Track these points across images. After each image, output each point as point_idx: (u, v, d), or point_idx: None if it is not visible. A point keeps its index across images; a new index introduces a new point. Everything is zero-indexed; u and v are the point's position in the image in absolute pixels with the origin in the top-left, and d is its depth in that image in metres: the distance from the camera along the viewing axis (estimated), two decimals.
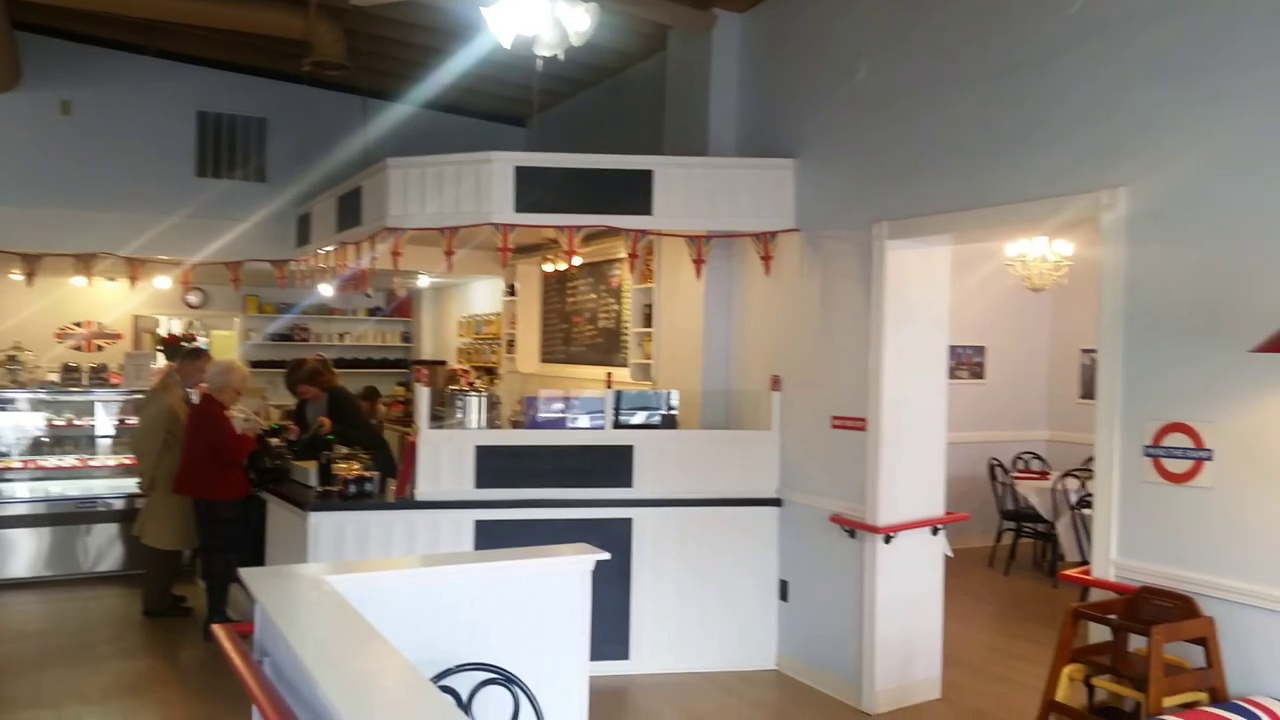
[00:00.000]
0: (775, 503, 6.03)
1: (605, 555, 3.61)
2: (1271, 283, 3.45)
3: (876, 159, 5.45)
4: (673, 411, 6.22)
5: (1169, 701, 3.39)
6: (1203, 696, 3.49)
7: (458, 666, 2.97)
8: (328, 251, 7.83)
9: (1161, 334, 3.90)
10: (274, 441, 6.92)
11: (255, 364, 11.07)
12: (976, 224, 4.84)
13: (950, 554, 5.71)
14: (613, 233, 6.25)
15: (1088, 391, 9.64)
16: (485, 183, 5.83)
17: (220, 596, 6.40)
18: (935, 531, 5.56)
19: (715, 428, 6.43)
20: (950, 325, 5.69)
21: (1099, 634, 3.92)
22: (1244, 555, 3.56)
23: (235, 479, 6.42)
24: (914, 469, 5.45)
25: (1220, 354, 3.64)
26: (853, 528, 5.41)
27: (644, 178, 5.90)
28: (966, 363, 9.79)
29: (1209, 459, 3.69)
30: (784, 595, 6.00)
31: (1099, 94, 4.19)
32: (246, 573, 3.26)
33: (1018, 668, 5.94)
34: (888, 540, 5.30)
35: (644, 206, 5.89)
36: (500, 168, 5.82)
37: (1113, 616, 3.72)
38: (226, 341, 12.84)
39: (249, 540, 6.44)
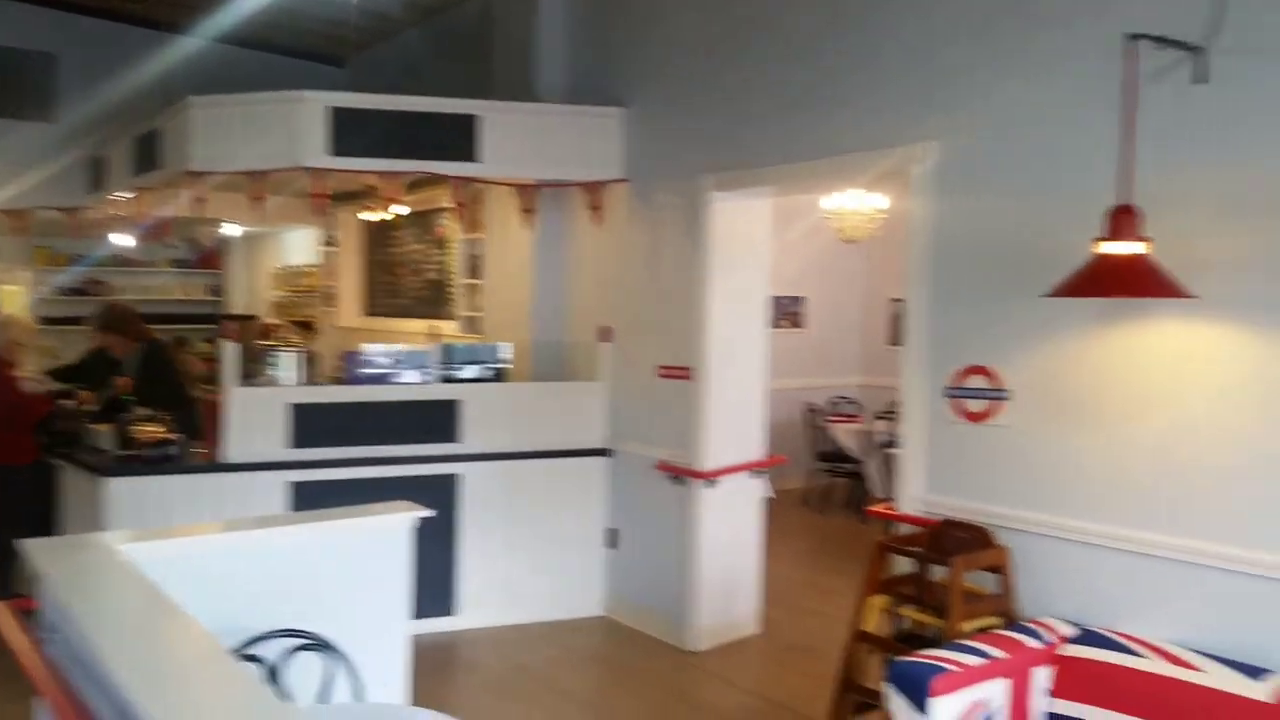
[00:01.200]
0: (604, 453, 6.06)
1: (428, 512, 3.52)
2: (1062, 232, 3.67)
3: (703, 111, 5.48)
4: (504, 364, 6.13)
5: (967, 626, 3.62)
6: (997, 620, 3.75)
7: (265, 634, 2.84)
8: (125, 198, 7.25)
9: (964, 282, 4.10)
10: (66, 403, 6.42)
11: (47, 320, 10.24)
12: (799, 177, 4.95)
13: (771, 495, 5.92)
14: (437, 180, 6.04)
15: (895, 338, 10.13)
16: (297, 124, 5.52)
17: (6, 570, 5.92)
18: (756, 475, 5.74)
19: (548, 380, 6.39)
20: (773, 276, 5.83)
21: (905, 566, 4.14)
22: (1035, 488, 3.83)
23: (24, 442, 5.92)
24: (737, 415, 5.59)
25: (1016, 300, 3.86)
26: (678, 474, 5.51)
27: (469, 123, 5.72)
28: (788, 313, 10.10)
29: (1006, 398, 3.93)
30: (612, 543, 6.07)
31: (912, 50, 4.33)
32: (30, 544, 3.01)
33: (832, 601, 6.24)
34: (711, 485, 5.43)
35: (470, 153, 5.72)
36: (313, 108, 5.52)
37: (916, 549, 3.93)
38: (14, 297, 11.77)
39: (41, 509, 5.96)
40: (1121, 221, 3.18)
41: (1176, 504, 3.41)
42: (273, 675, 2.81)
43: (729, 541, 5.59)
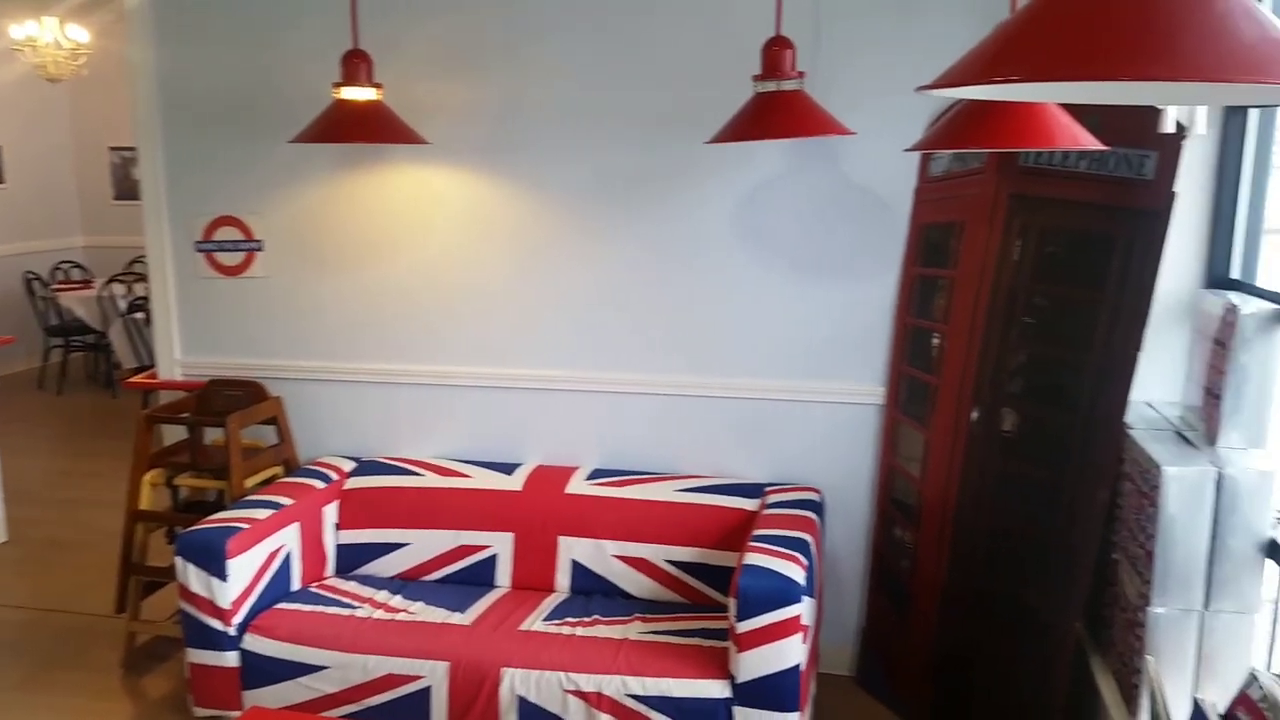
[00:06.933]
0: None
1: None
2: (302, 74, 3.63)
3: None
4: None
5: (250, 482, 3.59)
6: (279, 470, 3.79)
7: None
8: None
9: (203, 129, 3.84)
10: None
11: None
12: None
13: None
14: None
15: (123, 192, 9.23)
16: None
17: None
18: None
19: None
20: None
21: (176, 435, 3.92)
22: (300, 335, 3.88)
23: None
24: None
25: (261, 146, 3.76)
26: None
27: None
28: None
29: (260, 250, 3.85)
30: None
31: None
32: None
33: (90, 485, 5.67)
34: None
35: None
36: None
37: (186, 415, 3.74)
38: None
39: None
40: (354, 67, 3.22)
41: (427, 334, 3.76)
42: None
43: None
